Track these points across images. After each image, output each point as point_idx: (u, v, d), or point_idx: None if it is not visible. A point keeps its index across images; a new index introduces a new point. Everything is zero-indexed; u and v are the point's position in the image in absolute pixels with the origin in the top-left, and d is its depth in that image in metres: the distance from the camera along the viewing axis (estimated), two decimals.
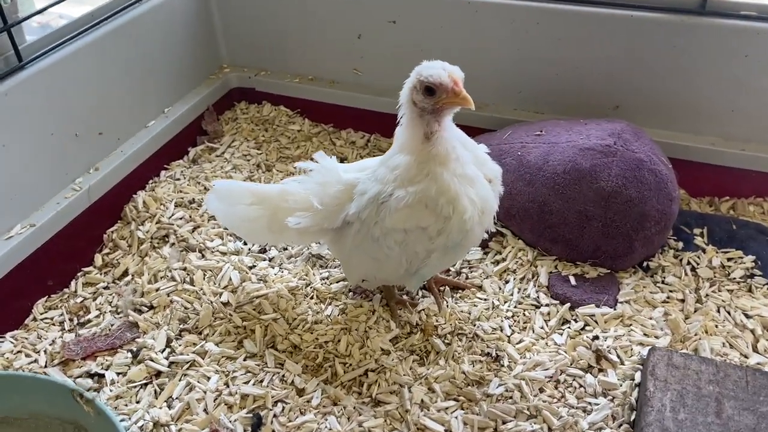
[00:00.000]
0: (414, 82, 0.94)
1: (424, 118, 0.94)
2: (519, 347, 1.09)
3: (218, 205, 1.13)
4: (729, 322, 1.14)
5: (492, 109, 1.50)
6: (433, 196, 0.94)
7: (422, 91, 0.93)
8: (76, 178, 1.29)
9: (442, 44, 1.47)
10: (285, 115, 1.68)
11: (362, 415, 1.00)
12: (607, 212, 1.18)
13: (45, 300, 1.22)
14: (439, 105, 0.93)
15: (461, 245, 1.01)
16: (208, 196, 1.16)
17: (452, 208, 0.95)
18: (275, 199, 1.08)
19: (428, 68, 0.93)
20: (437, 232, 0.97)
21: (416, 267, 1.03)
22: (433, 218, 0.96)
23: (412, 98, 0.94)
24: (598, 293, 1.18)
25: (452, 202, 0.95)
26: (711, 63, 1.30)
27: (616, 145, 1.19)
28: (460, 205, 0.95)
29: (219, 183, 1.14)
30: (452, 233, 0.97)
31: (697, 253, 1.27)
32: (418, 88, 0.93)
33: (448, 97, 0.93)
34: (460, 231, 0.97)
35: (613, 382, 1.03)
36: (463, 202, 0.95)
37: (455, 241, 0.98)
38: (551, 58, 1.40)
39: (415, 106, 0.94)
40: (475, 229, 0.99)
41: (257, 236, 1.19)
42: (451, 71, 0.93)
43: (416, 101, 0.94)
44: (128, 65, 1.40)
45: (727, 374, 0.97)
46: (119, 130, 1.40)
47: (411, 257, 1.01)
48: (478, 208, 0.97)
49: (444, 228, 0.96)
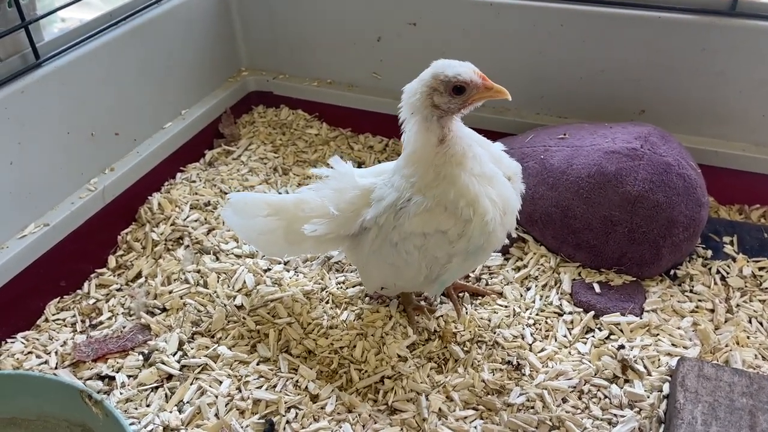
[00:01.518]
0: (433, 84, 0.89)
1: (442, 120, 0.91)
2: (541, 356, 1.05)
3: (235, 219, 1.11)
4: (761, 333, 1.09)
5: (514, 114, 1.47)
6: (452, 199, 0.91)
7: (449, 92, 0.89)
8: (91, 178, 1.28)
9: (463, 47, 1.45)
10: (303, 118, 1.66)
11: (378, 423, 0.97)
12: (634, 217, 1.14)
13: (57, 301, 1.20)
14: (470, 102, 0.90)
15: (483, 249, 0.96)
16: (224, 211, 1.13)
17: (472, 210, 0.91)
18: (291, 208, 1.05)
19: (449, 67, 0.89)
20: (458, 235, 0.93)
21: (436, 273, 0.99)
22: (453, 221, 0.92)
23: (434, 102, 0.90)
24: (624, 301, 1.13)
25: (472, 204, 0.91)
26: (741, 66, 1.26)
27: (642, 149, 1.15)
28: (480, 207, 0.91)
29: (234, 196, 1.11)
30: (473, 236, 0.93)
31: (727, 262, 1.22)
32: (442, 90, 0.89)
33: (479, 93, 0.89)
34: (482, 233, 0.93)
35: (640, 393, 0.98)
36: (483, 203, 0.91)
37: (477, 245, 0.94)
38: (575, 61, 1.37)
39: (436, 109, 0.90)
40: (497, 231, 0.95)
41: (275, 248, 1.15)
42: (471, 67, 0.90)
43: (439, 104, 0.90)
44: (146, 66, 1.39)
45: (762, 387, 0.92)
46: (135, 131, 1.38)
47: (431, 262, 0.98)
48: (499, 208, 0.93)
49: (465, 231, 0.93)
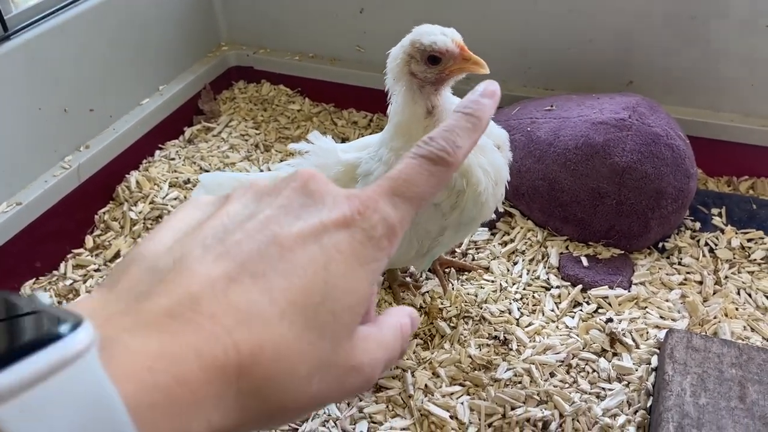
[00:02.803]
0: (410, 51, 0.84)
1: (425, 90, 0.86)
2: (528, 330, 1.04)
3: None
4: (750, 304, 1.08)
5: (501, 86, 1.43)
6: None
7: (424, 61, 0.83)
8: (65, 156, 1.24)
9: (447, 18, 1.40)
10: (285, 94, 1.63)
11: (363, 400, 0.95)
12: (622, 189, 1.12)
13: (33, 282, 1.17)
14: (446, 73, 0.85)
15: (475, 220, 0.93)
16: (196, 192, 1.06)
17: (465, 181, 0.87)
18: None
19: (426, 34, 0.84)
20: (450, 207, 0.89)
21: (427, 247, 0.95)
22: (446, 193, 0.88)
23: (410, 70, 0.85)
24: (612, 274, 1.12)
25: (465, 175, 0.87)
26: (731, 35, 1.24)
27: (630, 119, 1.13)
28: (473, 177, 0.87)
29: (205, 176, 1.05)
30: (467, 207, 0.89)
31: (716, 234, 1.21)
32: (419, 58, 0.83)
33: (456, 64, 0.84)
34: (474, 204, 0.89)
35: (628, 366, 0.97)
36: (476, 173, 0.87)
37: (470, 216, 0.90)
38: (562, 32, 1.34)
39: (414, 77, 0.85)
40: (490, 202, 0.91)
41: None
42: (453, 35, 0.84)
43: (416, 72, 0.85)
44: (122, 39, 1.34)
45: (751, 357, 0.91)
46: (111, 107, 1.34)
47: (422, 236, 0.93)
48: (492, 178, 0.89)
49: (458, 203, 0.88)
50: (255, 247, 0.36)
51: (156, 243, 0.37)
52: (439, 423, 0.91)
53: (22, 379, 0.25)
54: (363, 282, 0.39)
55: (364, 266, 0.39)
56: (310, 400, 0.37)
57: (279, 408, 0.35)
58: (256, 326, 0.34)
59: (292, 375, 0.35)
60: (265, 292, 0.35)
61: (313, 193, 0.40)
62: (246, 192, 0.41)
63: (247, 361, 0.33)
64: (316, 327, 0.36)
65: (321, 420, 0.92)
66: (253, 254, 0.36)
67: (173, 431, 0.30)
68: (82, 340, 0.27)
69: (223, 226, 0.38)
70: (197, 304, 0.33)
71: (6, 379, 0.24)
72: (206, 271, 0.35)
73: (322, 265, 0.37)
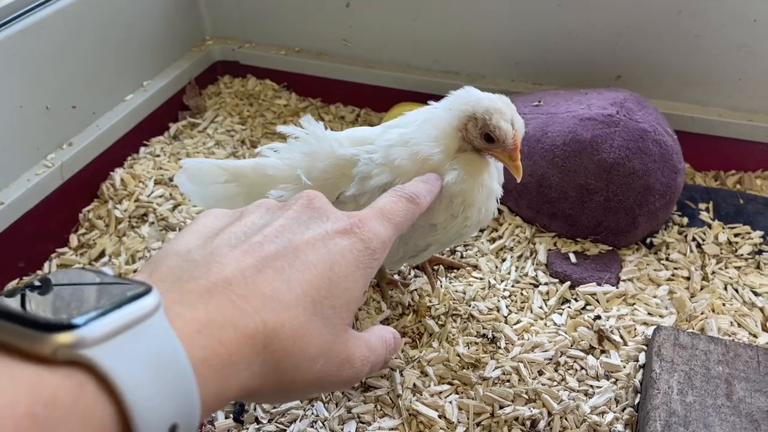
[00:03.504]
0: (477, 115, 0.83)
1: (463, 144, 0.86)
2: (516, 328, 1.03)
3: (191, 186, 1.00)
4: (737, 300, 1.08)
5: (488, 81, 1.43)
6: (455, 193, 0.85)
7: (481, 134, 0.84)
8: (48, 154, 1.22)
9: (435, 13, 1.40)
10: (271, 89, 1.61)
11: (351, 400, 0.94)
12: (610, 185, 1.11)
13: (17, 282, 1.15)
14: (490, 153, 0.85)
15: (454, 241, 0.96)
16: (178, 178, 1.02)
17: (462, 209, 0.87)
18: (250, 174, 0.96)
19: (499, 115, 0.82)
20: (442, 227, 0.89)
21: (410, 255, 0.96)
22: (444, 215, 0.88)
23: (466, 126, 0.84)
24: (600, 271, 1.12)
25: (465, 206, 0.87)
26: (718, 29, 1.24)
27: (618, 115, 1.12)
28: (470, 212, 0.87)
29: (187, 162, 1.01)
30: (449, 231, 0.90)
31: (703, 229, 1.21)
32: (479, 127, 0.83)
33: (503, 153, 0.84)
34: (457, 233, 0.90)
35: (616, 363, 0.97)
36: (474, 210, 0.88)
37: (449, 239, 0.92)
38: (550, 26, 1.34)
39: (464, 131, 0.85)
40: (472, 229, 0.92)
41: None
42: (518, 128, 0.83)
43: (469, 130, 0.84)
44: (104, 34, 1.32)
45: (737, 354, 0.91)
46: (94, 104, 1.32)
47: (410, 249, 0.93)
48: (481, 217, 0.90)
49: (446, 225, 0.89)
50: (274, 248, 0.44)
51: (185, 242, 0.45)
52: (428, 423, 0.91)
53: (112, 328, 0.32)
54: (359, 283, 0.48)
55: (360, 270, 0.48)
56: (313, 380, 0.44)
57: (290, 382, 0.43)
58: (278, 308, 0.41)
59: (303, 354, 0.43)
60: (284, 282, 0.43)
61: (318, 209, 0.49)
62: (259, 207, 0.50)
63: (271, 334, 0.40)
64: (322, 317, 0.44)
65: (309, 421, 0.92)
66: (272, 252, 0.44)
67: (217, 385, 0.37)
68: (152, 302, 0.34)
69: (244, 231, 0.46)
70: (231, 285, 0.40)
71: (101, 326, 0.32)
72: (236, 262, 0.42)
73: (329, 266, 0.46)
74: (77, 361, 0.31)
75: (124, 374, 0.31)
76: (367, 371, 0.50)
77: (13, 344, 0.31)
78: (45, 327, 0.31)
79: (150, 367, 0.33)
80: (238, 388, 0.39)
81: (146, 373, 0.32)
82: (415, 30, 1.44)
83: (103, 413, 0.31)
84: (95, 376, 0.31)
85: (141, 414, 0.31)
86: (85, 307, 0.32)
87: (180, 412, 0.33)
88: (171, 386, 0.33)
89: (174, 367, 0.34)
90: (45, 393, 0.29)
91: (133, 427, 0.31)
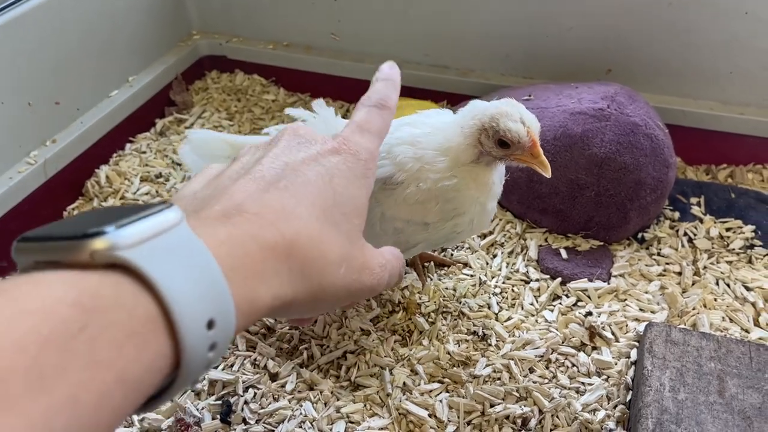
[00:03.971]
0: (485, 125, 0.82)
1: (482, 158, 0.85)
2: (507, 325, 1.02)
3: (194, 158, 0.99)
4: (729, 295, 1.08)
5: (478, 75, 1.42)
6: (448, 198, 0.86)
7: (494, 141, 0.82)
8: (30, 151, 1.20)
9: (424, 6, 1.38)
10: (259, 84, 1.59)
11: (340, 399, 0.93)
12: (601, 180, 1.10)
13: None
14: (511, 159, 0.84)
15: (443, 244, 0.97)
16: (182, 149, 1.01)
17: (453, 216, 0.88)
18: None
19: (506, 118, 0.81)
20: (434, 226, 0.90)
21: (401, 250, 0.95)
22: (437, 217, 0.88)
23: (480, 140, 0.83)
24: (591, 267, 1.11)
25: (456, 213, 0.87)
26: (709, 22, 1.23)
27: (609, 109, 1.11)
28: (460, 220, 0.88)
29: (193, 133, 1.01)
30: (439, 233, 0.90)
31: (694, 224, 1.20)
32: (491, 136, 0.82)
33: (523, 155, 0.83)
34: (446, 236, 0.92)
35: (608, 360, 0.96)
36: (464, 220, 0.88)
37: (438, 240, 0.93)
38: (540, 20, 1.32)
39: (480, 145, 0.84)
40: (461, 237, 0.94)
41: None
42: (530, 125, 0.81)
43: (483, 143, 0.83)
44: (88, 29, 1.29)
45: (730, 350, 0.91)
46: (78, 100, 1.30)
47: (401, 243, 0.93)
48: (473, 227, 0.91)
49: (438, 226, 0.89)
50: (273, 172, 0.48)
51: (191, 188, 0.49)
52: (418, 422, 0.90)
53: (142, 234, 0.35)
54: (362, 190, 0.52)
55: (359, 180, 0.51)
56: (340, 285, 0.47)
57: (319, 287, 0.46)
58: (291, 219, 0.44)
59: (325, 259, 0.46)
60: (291, 197, 0.46)
61: (304, 135, 0.53)
62: (250, 148, 0.54)
63: (290, 244, 0.43)
64: (334, 224, 0.47)
65: (297, 421, 0.90)
66: (273, 176, 0.47)
67: (248, 290, 0.39)
68: (176, 214, 0.37)
69: (242, 167, 0.50)
70: (243, 207, 0.43)
71: (131, 233, 0.34)
72: (242, 189, 0.46)
73: (328, 179, 0.49)
74: (115, 262, 0.33)
75: (159, 271, 0.33)
76: (386, 280, 0.53)
77: (54, 259, 0.34)
78: (80, 237, 0.33)
79: (183, 266, 0.35)
80: (271, 297, 0.41)
81: (180, 271, 0.34)
82: (404, 24, 1.43)
83: (146, 305, 0.33)
84: (133, 275, 0.33)
85: (179, 307, 0.33)
86: (114, 220, 0.35)
87: (216, 309, 0.36)
88: (204, 284, 0.35)
89: (205, 268, 0.36)
90: (89, 287, 0.32)
91: (173, 318, 0.33)
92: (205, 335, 0.35)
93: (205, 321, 0.35)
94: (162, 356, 0.33)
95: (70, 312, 0.30)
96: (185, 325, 0.34)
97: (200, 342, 0.35)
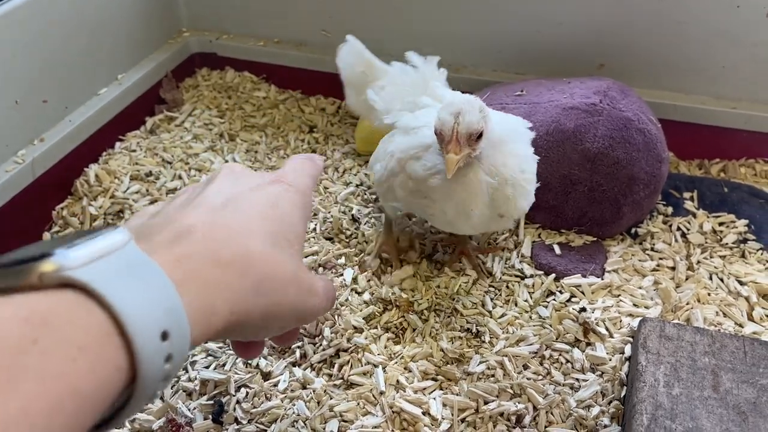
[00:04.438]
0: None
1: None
2: (501, 321, 1.02)
3: (348, 61, 1.13)
4: (722, 289, 1.07)
5: (470, 71, 1.41)
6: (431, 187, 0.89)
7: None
8: (18, 150, 1.18)
9: (416, 2, 1.37)
10: (249, 81, 1.58)
11: (333, 398, 0.92)
12: (593, 175, 1.10)
13: None
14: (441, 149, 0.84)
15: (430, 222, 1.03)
16: (341, 51, 1.14)
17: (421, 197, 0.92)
18: (381, 73, 1.10)
19: (445, 108, 0.83)
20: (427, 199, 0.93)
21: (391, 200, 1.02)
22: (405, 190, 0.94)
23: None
24: (585, 262, 1.10)
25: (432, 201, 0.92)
26: (701, 16, 1.22)
27: (602, 104, 1.11)
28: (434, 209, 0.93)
29: (352, 40, 1.12)
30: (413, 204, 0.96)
31: (688, 218, 1.20)
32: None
33: (443, 148, 0.83)
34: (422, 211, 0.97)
35: (602, 356, 0.96)
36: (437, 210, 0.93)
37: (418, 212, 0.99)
38: (532, 15, 1.32)
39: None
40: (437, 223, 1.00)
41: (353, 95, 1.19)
42: (462, 121, 0.80)
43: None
44: (76, 26, 1.28)
45: (724, 345, 0.90)
46: (67, 98, 1.28)
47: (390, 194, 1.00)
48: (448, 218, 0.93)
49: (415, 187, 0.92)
50: (219, 200, 0.49)
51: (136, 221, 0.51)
52: (412, 420, 0.89)
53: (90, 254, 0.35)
54: (302, 221, 0.53)
55: (300, 209, 0.53)
56: (291, 306, 0.49)
57: (273, 304, 0.47)
58: (244, 238, 0.46)
59: (278, 277, 0.47)
60: (239, 220, 0.47)
61: (241, 172, 0.55)
62: (187, 188, 0.56)
63: (245, 261, 0.44)
64: (281, 247, 0.48)
65: (290, 420, 0.90)
66: (219, 203, 0.49)
67: (201, 303, 0.40)
68: (124, 234, 0.38)
69: (186, 199, 0.51)
70: (194, 228, 0.44)
71: (79, 253, 0.35)
72: (192, 213, 0.47)
73: (272, 205, 0.51)
74: (66, 282, 0.34)
75: (109, 287, 0.34)
76: (326, 304, 0.55)
77: (5, 286, 0.34)
78: (28, 261, 0.34)
79: (133, 281, 0.36)
80: (228, 310, 0.42)
81: (130, 286, 0.35)
82: (395, 20, 1.42)
83: (99, 320, 0.34)
84: (85, 293, 0.34)
85: (131, 319, 0.34)
86: (62, 244, 0.36)
87: (169, 320, 0.36)
88: (155, 297, 0.36)
89: (155, 282, 0.37)
90: (40, 306, 0.32)
91: (126, 330, 0.34)
92: (160, 346, 0.36)
93: (158, 332, 0.36)
94: (118, 369, 0.34)
95: (21, 328, 0.31)
96: (139, 337, 0.34)
97: (155, 353, 0.35)
